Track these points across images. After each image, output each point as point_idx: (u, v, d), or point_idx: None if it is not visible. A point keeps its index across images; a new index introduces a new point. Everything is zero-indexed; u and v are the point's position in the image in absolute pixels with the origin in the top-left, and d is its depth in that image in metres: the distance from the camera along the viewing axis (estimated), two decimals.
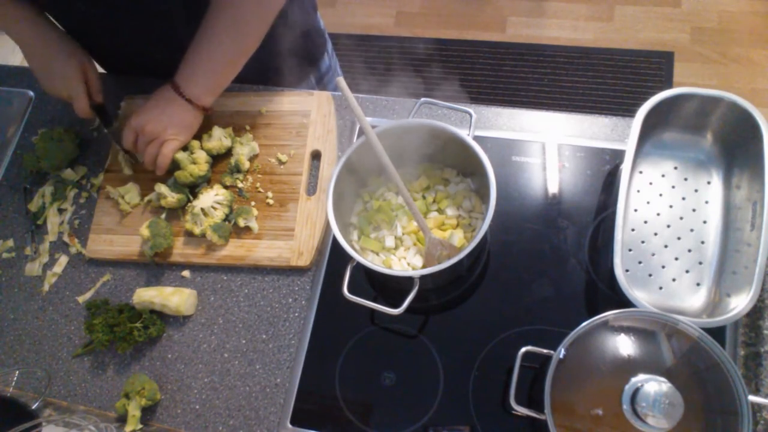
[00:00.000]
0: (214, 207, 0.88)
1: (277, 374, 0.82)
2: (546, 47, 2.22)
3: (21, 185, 1.01)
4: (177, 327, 0.87)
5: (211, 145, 0.92)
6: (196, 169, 0.90)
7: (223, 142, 0.93)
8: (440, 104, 0.84)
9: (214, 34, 0.83)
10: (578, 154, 0.88)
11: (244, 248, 0.88)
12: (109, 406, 0.84)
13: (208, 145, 0.92)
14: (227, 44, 0.84)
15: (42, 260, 0.94)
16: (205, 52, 0.84)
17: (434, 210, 0.83)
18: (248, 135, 0.95)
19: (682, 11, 2.20)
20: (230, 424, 0.80)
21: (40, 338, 0.89)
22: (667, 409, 0.56)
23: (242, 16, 0.82)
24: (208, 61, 0.85)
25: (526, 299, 0.81)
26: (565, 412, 0.61)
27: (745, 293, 0.67)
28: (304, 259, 0.86)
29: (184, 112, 0.88)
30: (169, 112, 0.87)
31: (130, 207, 0.94)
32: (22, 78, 1.11)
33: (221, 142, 0.93)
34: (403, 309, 0.70)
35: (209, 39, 0.83)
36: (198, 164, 0.90)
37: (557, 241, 0.83)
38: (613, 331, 0.63)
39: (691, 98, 0.78)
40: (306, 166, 0.92)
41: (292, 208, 0.90)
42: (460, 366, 0.78)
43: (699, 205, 0.81)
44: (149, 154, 0.88)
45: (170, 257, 0.89)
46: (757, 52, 2.08)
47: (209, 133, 0.93)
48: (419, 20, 2.39)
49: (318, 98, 0.96)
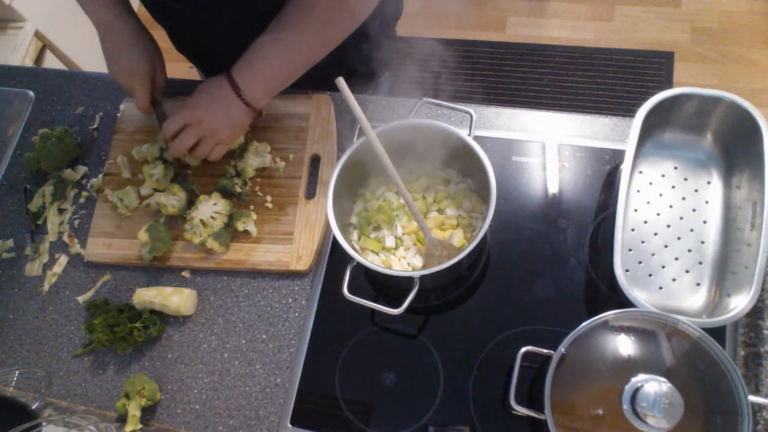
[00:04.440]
0: (213, 217, 0.88)
1: (277, 374, 0.82)
2: (546, 47, 2.22)
3: (21, 185, 1.01)
4: (177, 327, 0.87)
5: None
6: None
7: (240, 138, 0.92)
8: (440, 104, 0.84)
9: (288, 35, 0.79)
10: (578, 154, 0.88)
11: (243, 252, 0.88)
12: (109, 406, 0.84)
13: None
14: (301, 46, 0.79)
15: (42, 260, 0.94)
16: (274, 53, 0.80)
17: (434, 210, 0.83)
18: (265, 145, 0.94)
19: (682, 11, 2.20)
20: (230, 424, 0.80)
21: (40, 338, 0.89)
22: (667, 409, 0.56)
23: (328, 16, 0.77)
24: (274, 63, 0.81)
25: (526, 299, 0.81)
26: (565, 412, 0.61)
27: (745, 293, 0.67)
28: (303, 263, 0.85)
29: (242, 116, 0.85)
30: (228, 113, 0.83)
31: (128, 211, 0.93)
32: (22, 78, 1.11)
33: (240, 138, 0.92)
34: (403, 309, 0.70)
35: (281, 39, 0.79)
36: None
37: (557, 241, 0.83)
38: (613, 331, 0.63)
39: (691, 98, 0.78)
40: (305, 169, 0.92)
41: (291, 212, 0.89)
42: (460, 366, 0.78)
43: (699, 205, 0.81)
44: (201, 152, 0.85)
45: (169, 261, 0.89)
46: (757, 52, 2.08)
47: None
48: (419, 20, 2.39)
49: (317, 101, 0.96)
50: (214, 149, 0.86)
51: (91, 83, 1.08)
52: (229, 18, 0.87)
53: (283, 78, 0.84)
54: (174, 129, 0.84)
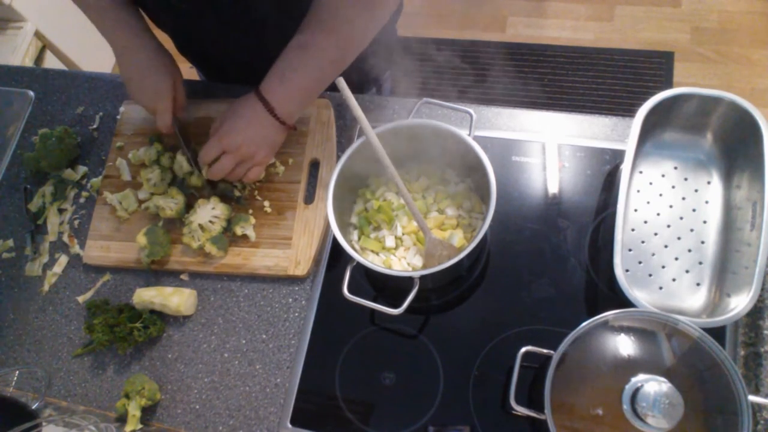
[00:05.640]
0: (212, 221, 0.88)
1: (277, 374, 0.82)
2: (546, 47, 2.22)
3: (21, 185, 1.01)
4: (177, 327, 0.87)
5: None
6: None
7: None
8: (440, 104, 0.84)
9: (315, 39, 0.77)
10: (578, 154, 0.88)
11: (242, 256, 0.88)
12: (109, 406, 0.84)
13: None
14: (330, 51, 0.77)
15: (42, 260, 0.94)
16: (303, 62, 0.78)
17: (434, 210, 0.83)
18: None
19: (682, 11, 2.20)
20: (230, 424, 0.80)
21: (40, 338, 0.89)
22: (667, 409, 0.56)
23: (354, 15, 0.75)
24: (305, 73, 0.79)
25: (526, 299, 0.81)
26: (565, 412, 0.61)
27: (745, 293, 0.67)
28: (301, 269, 0.85)
29: (277, 134, 0.84)
30: (263, 133, 0.82)
31: (127, 214, 0.93)
32: (22, 78, 1.11)
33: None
34: (403, 309, 0.70)
35: (310, 44, 0.77)
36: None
37: (557, 241, 0.83)
38: (613, 331, 0.63)
39: (691, 98, 0.78)
40: (304, 174, 0.92)
41: (289, 217, 0.89)
42: (460, 366, 0.78)
43: (699, 205, 0.81)
44: (237, 175, 0.85)
45: (167, 265, 0.89)
46: (757, 52, 2.08)
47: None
48: (419, 20, 2.39)
49: (317, 106, 0.95)
50: (252, 171, 0.85)
51: (91, 83, 1.08)
52: (236, 18, 0.87)
53: (314, 88, 0.82)
54: (212, 157, 0.83)
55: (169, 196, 0.91)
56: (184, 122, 0.96)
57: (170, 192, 0.91)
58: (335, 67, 0.80)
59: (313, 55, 0.78)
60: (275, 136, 0.84)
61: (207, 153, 0.83)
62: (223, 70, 1.09)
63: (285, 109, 0.81)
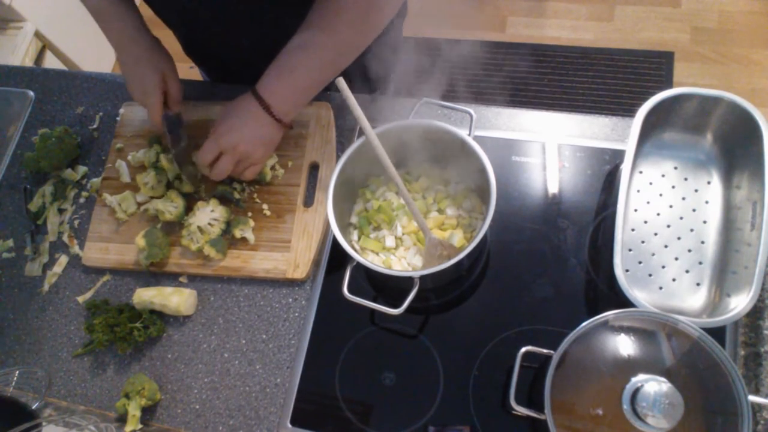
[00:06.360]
0: (211, 224, 0.87)
1: (277, 374, 0.82)
2: (546, 47, 2.22)
3: (21, 185, 1.01)
4: (177, 327, 0.87)
5: None
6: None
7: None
8: (440, 104, 0.84)
9: (315, 39, 0.77)
10: (578, 154, 0.88)
11: (240, 259, 0.88)
12: (109, 406, 0.84)
13: None
14: (329, 51, 0.77)
15: (42, 260, 0.94)
16: (302, 62, 0.78)
17: (434, 210, 0.83)
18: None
19: (682, 11, 2.20)
20: (230, 424, 0.80)
21: (40, 338, 0.89)
22: (667, 409, 0.56)
23: (357, 17, 0.75)
24: (303, 72, 0.79)
25: (526, 299, 0.81)
26: (565, 412, 0.61)
27: (745, 293, 0.67)
28: (300, 272, 0.85)
29: (274, 133, 0.84)
30: (260, 132, 0.82)
31: (126, 216, 0.93)
32: (22, 78, 1.11)
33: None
34: (403, 309, 0.70)
35: (309, 44, 0.77)
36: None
37: (557, 241, 0.83)
38: (613, 331, 0.63)
39: (691, 98, 0.78)
40: (304, 177, 0.92)
41: (288, 220, 0.89)
42: (460, 366, 0.78)
43: (699, 205, 0.81)
44: (235, 172, 0.85)
45: (166, 267, 0.89)
46: (757, 52, 2.08)
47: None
48: (419, 20, 2.38)
49: (317, 108, 0.95)
50: (249, 169, 0.86)
51: (91, 83, 1.08)
52: (247, 18, 0.87)
53: (312, 88, 0.82)
54: (210, 158, 0.83)
55: (168, 199, 0.90)
56: (180, 118, 0.93)
57: (169, 195, 0.91)
58: (333, 68, 0.80)
59: (312, 55, 0.79)
60: (272, 134, 0.84)
61: (205, 154, 0.83)
62: (229, 70, 1.09)
63: (281, 107, 0.81)
